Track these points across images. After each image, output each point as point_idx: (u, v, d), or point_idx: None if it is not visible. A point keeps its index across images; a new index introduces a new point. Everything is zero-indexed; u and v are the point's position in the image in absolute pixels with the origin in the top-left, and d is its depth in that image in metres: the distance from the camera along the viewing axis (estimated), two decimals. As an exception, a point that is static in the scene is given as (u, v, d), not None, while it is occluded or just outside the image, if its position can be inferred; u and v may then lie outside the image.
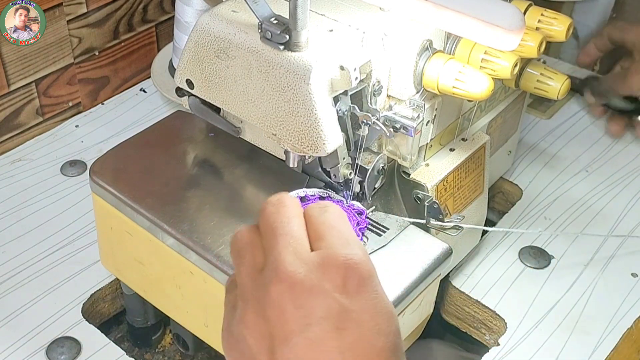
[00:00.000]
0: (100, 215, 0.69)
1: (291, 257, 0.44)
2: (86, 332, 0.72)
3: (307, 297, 0.42)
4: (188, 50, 0.62)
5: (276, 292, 0.43)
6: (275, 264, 0.44)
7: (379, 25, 0.60)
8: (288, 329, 0.42)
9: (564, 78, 0.71)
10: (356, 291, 0.43)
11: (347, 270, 0.43)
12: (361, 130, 0.61)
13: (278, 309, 0.43)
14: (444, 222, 0.66)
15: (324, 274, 0.43)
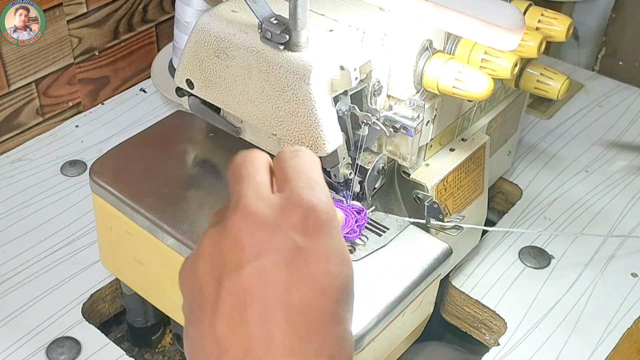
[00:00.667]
0: (100, 215, 0.69)
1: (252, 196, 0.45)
2: (86, 332, 0.72)
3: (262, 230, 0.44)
4: (188, 50, 0.62)
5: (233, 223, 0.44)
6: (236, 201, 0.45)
7: (379, 25, 0.60)
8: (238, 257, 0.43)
9: (564, 78, 0.71)
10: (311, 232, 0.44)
11: (306, 212, 0.44)
12: (361, 130, 0.61)
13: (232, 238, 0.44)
14: (444, 222, 0.66)
15: (282, 213, 0.44)
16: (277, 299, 0.42)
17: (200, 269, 0.45)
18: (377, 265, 0.60)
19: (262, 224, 0.44)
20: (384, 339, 0.59)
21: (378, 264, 0.60)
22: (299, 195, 0.45)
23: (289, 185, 0.46)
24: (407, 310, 0.60)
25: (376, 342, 0.57)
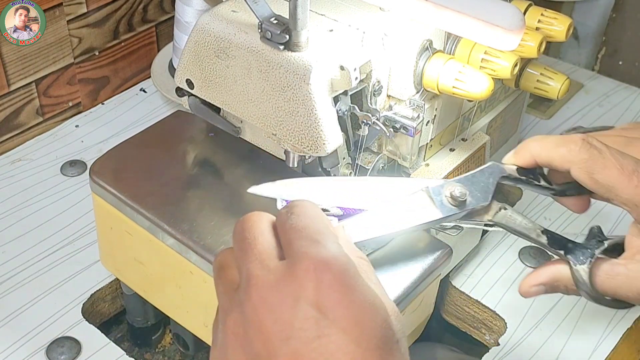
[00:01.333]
0: (100, 215, 0.69)
1: (259, 272, 0.43)
2: (86, 332, 0.72)
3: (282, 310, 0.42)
4: (188, 50, 0.62)
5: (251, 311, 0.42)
6: (246, 280, 0.43)
7: (379, 25, 0.60)
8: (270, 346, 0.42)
9: (564, 78, 0.71)
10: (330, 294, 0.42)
11: (317, 273, 0.42)
12: (361, 130, 0.61)
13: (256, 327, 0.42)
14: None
15: (294, 282, 0.42)
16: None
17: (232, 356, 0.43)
18: (377, 265, 0.59)
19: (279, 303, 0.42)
20: (384, 339, 0.58)
21: (378, 264, 0.60)
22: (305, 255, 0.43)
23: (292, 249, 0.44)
24: (407, 310, 0.60)
25: (376, 342, 0.57)
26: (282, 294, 0.42)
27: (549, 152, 0.53)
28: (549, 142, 0.54)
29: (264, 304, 0.42)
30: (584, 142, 0.52)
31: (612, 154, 0.52)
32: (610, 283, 0.52)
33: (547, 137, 0.54)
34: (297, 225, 0.45)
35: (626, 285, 0.51)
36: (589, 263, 0.53)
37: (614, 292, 0.52)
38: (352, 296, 0.42)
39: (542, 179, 0.57)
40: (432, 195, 0.55)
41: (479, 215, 0.56)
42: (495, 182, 0.55)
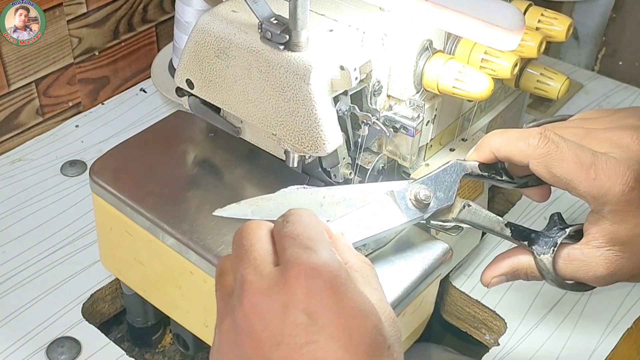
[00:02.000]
0: (100, 215, 0.69)
1: (252, 277, 0.44)
2: (86, 332, 0.72)
3: (272, 316, 0.43)
4: (188, 50, 0.62)
5: (243, 317, 0.43)
6: (240, 286, 0.44)
7: (379, 25, 0.60)
8: (260, 352, 0.42)
9: (564, 78, 0.71)
10: (320, 297, 0.42)
11: (307, 279, 0.43)
12: (361, 130, 0.61)
13: (247, 334, 0.43)
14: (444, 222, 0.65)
15: (285, 288, 0.43)
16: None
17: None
18: (377, 265, 0.59)
19: (271, 309, 0.43)
20: (384, 339, 0.58)
21: (378, 264, 0.60)
22: (296, 262, 0.44)
23: (285, 255, 0.45)
24: (407, 311, 0.60)
25: (376, 342, 0.57)
26: (272, 299, 0.43)
27: (507, 147, 0.54)
28: (508, 136, 0.54)
29: (254, 309, 0.43)
30: (541, 136, 0.53)
31: (570, 147, 0.52)
32: (568, 267, 0.54)
33: (506, 131, 0.55)
34: (291, 233, 0.46)
35: (583, 270, 0.54)
36: (551, 252, 0.54)
37: (572, 275, 0.54)
38: (341, 302, 0.42)
39: (503, 174, 0.58)
40: (397, 199, 0.56)
41: (443, 215, 0.57)
42: (458, 180, 0.56)
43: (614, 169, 0.52)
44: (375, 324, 0.43)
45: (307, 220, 0.47)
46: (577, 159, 0.52)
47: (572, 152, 0.52)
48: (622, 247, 0.52)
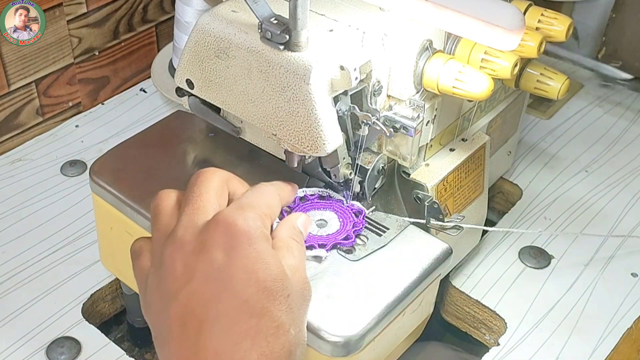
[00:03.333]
0: (100, 215, 0.69)
1: (187, 222, 0.51)
2: (86, 332, 0.72)
3: (192, 256, 0.49)
4: (188, 50, 0.62)
5: (169, 254, 0.50)
6: (173, 230, 0.51)
7: (379, 25, 0.60)
8: (176, 285, 0.49)
9: (564, 78, 0.71)
10: (231, 246, 0.49)
11: (226, 229, 0.49)
12: (361, 130, 0.61)
13: (168, 270, 0.50)
14: (444, 222, 0.66)
15: (207, 234, 0.50)
16: (209, 314, 0.48)
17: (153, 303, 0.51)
18: (377, 265, 0.60)
19: (192, 251, 0.50)
20: (384, 339, 0.59)
21: (378, 264, 0.60)
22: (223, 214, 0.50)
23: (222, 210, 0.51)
24: (407, 311, 0.60)
25: (376, 342, 0.57)
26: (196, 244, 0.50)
27: None
28: None
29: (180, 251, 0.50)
30: None
31: None
32: None
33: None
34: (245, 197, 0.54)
35: None
36: None
37: None
38: (250, 252, 0.49)
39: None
40: None
41: None
42: None
43: None
44: (276, 274, 0.49)
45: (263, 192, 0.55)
46: None
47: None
48: None
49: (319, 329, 0.54)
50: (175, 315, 0.49)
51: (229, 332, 0.47)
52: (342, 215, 0.62)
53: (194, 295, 0.48)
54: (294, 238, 0.55)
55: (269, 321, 0.48)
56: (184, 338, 0.48)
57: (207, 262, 0.49)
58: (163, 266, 0.50)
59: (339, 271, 0.58)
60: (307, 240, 0.59)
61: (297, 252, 0.54)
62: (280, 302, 0.49)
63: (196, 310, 0.48)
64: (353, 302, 0.56)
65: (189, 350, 0.48)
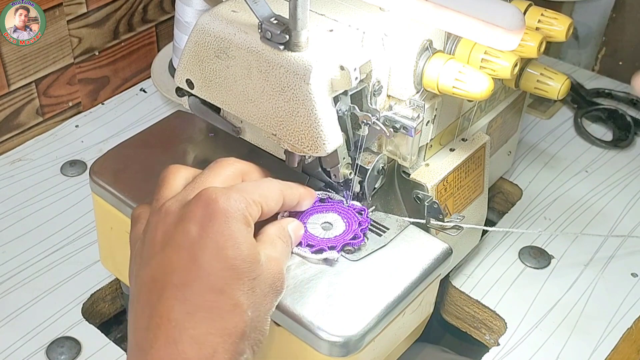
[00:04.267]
0: (100, 215, 0.69)
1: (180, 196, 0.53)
2: (86, 332, 0.72)
3: (171, 226, 0.51)
4: (188, 50, 0.62)
5: (154, 222, 0.53)
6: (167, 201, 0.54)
7: (379, 25, 0.60)
8: (152, 251, 0.52)
9: (564, 78, 0.71)
10: (208, 221, 0.50)
11: (206, 204, 0.51)
12: (361, 130, 0.61)
13: (151, 235, 0.52)
14: (444, 222, 0.66)
15: (190, 206, 0.51)
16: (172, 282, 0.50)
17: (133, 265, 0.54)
18: (377, 265, 0.60)
19: (172, 220, 0.52)
20: (384, 339, 0.59)
21: (378, 264, 0.60)
22: (207, 190, 0.52)
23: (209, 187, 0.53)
24: (407, 310, 0.60)
25: (376, 342, 0.57)
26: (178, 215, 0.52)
27: None
28: None
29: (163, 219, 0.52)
30: None
31: None
32: None
33: None
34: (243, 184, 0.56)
35: None
36: None
37: None
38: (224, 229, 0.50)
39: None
40: None
41: None
42: None
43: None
44: (245, 255, 0.50)
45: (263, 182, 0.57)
46: None
47: None
48: None
49: (319, 329, 0.54)
50: (144, 280, 0.51)
51: (186, 301, 0.49)
52: (346, 215, 0.62)
53: (164, 262, 0.50)
54: (280, 237, 0.56)
55: (227, 298, 0.49)
56: (146, 302, 0.50)
57: (183, 232, 0.50)
58: (147, 233, 0.53)
59: (339, 271, 0.58)
60: (316, 244, 0.59)
61: (280, 248, 0.55)
62: (243, 282, 0.50)
63: (162, 277, 0.50)
64: (353, 302, 0.56)
65: (148, 314, 0.50)
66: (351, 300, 0.56)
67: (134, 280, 0.53)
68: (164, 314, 0.49)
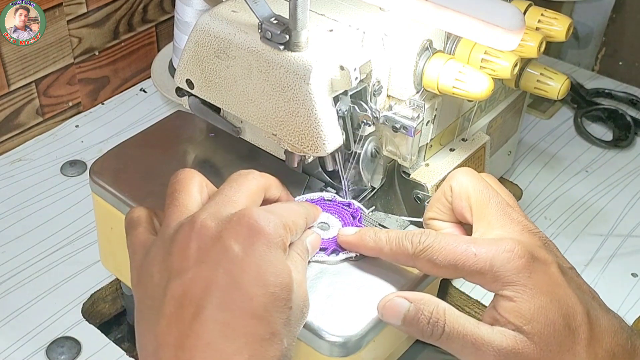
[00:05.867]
0: (100, 215, 0.69)
1: (212, 210, 0.51)
2: (86, 332, 0.72)
3: (209, 241, 0.49)
4: (188, 50, 0.62)
5: (185, 232, 0.50)
6: (197, 212, 0.51)
7: (379, 25, 0.60)
8: (184, 264, 0.49)
9: (564, 78, 0.71)
10: (250, 242, 0.49)
11: (249, 225, 0.49)
12: (361, 130, 0.61)
13: (182, 246, 0.49)
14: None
15: (229, 225, 0.49)
16: (209, 302, 0.47)
17: (155, 271, 0.50)
18: (377, 265, 0.59)
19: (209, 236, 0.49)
20: (384, 339, 0.58)
21: (378, 264, 0.60)
22: (250, 211, 0.50)
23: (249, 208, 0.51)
24: (407, 310, 0.60)
25: (376, 342, 0.57)
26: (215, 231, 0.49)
27: (391, 252, 0.56)
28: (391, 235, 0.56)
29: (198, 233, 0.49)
30: (422, 234, 0.54)
31: (447, 237, 0.54)
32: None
33: (382, 236, 0.57)
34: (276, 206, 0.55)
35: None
36: None
37: None
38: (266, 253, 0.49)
39: None
40: None
41: None
42: None
43: (495, 241, 0.52)
44: (285, 283, 0.49)
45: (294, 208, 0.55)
46: (455, 243, 0.53)
47: (451, 238, 0.53)
48: (528, 327, 0.51)
49: (319, 329, 0.54)
50: (174, 293, 0.48)
51: (227, 326, 0.47)
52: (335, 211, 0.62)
53: (200, 279, 0.48)
54: (299, 254, 0.54)
55: (267, 326, 0.48)
56: (177, 318, 0.47)
57: (222, 251, 0.48)
58: (175, 243, 0.50)
59: (339, 271, 0.58)
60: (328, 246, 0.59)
61: (301, 268, 0.53)
62: (282, 311, 0.49)
63: (197, 294, 0.47)
64: (353, 302, 0.56)
65: (180, 331, 0.47)
66: (351, 300, 0.56)
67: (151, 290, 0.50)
68: (202, 336, 0.46)
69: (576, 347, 0.51)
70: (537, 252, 0.53)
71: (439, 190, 0.58)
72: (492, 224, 0.54)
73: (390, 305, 0.53)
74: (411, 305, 0.52)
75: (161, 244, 0.51)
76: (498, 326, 0.52)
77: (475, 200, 0.56)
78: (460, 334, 0.52)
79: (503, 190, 0.58)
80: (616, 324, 0.53)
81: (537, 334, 0.50)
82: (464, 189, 0.56)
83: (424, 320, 0.52)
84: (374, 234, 0.56)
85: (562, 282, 0.53)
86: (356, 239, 0.57)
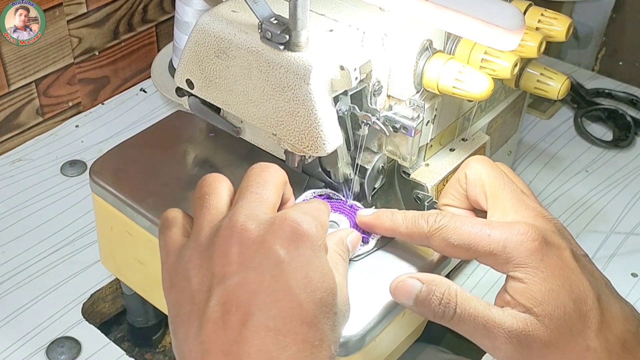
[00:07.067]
0: (100, 215, 0.69)
1: (248, 211, 0.49)
2: (86, 332, 0.72)
3: (251, 246, 0.48)
4: (188, 50, 0.62)
5: (225, 236, 0.48)
6: (233, 213, 0.50)
7: (379, 25, 0.60)
8: (228, 269, 0.47)
9: (564, 78, 0.71)
10: (294, 246, 0.48)
11: (292, 228, 0.48)
12: (361, 130, 0.61)
13: (223, 250, 0.48)
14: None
15: (270, 227, 0.48)
16: (258, 308, 0.46)
17: (193, 275, 0.49)
18: (377, 265, 0.60)
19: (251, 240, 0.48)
20: (384, 339, 0.59)
21: (378, 264, 0.60)
22: (292, 214, 0.49)
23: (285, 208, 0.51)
24: (407, 310, 0.60)
25: (376, 342, 0.57)
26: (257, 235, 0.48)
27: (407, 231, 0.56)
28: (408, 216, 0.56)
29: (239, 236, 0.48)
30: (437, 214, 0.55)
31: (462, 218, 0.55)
32: None
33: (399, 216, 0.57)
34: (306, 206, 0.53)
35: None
36: None
37: None
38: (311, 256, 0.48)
39: None
40: None
41: None
42: None
43: (509, 224, 0.53)
44: (331, 288, 0.48)
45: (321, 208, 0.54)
46: (470, 224, 0.53)
47: (466, 219, 0.54)
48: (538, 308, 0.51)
49: (319, 329, 0.54)
50: (219, 299, 0.47)
51: (278, 332, 0.46)
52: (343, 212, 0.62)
53: (246, 285, 0.47)
54: (339, 254, 0.53)
55: (317, 332, 0.47)
56: (223, 324, 0.46)
57: (267, 256, 0.47)
58: (214, 246, 0.48)
59: (339, 271, 0.58)
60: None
61: (341, 269, 0.52)
62: (329, 316, 0.48)
63: (244, 300, 0.46)
64: (353, 302, 0.56)
65: (228, 338, 0.46)
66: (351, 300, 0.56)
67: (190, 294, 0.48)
68: (253, 343, 0.45)
69: (587, 331, 0.51)
70: (551, 237, 0.53)
71: (454, 177, 0.59)
72: (507, 210, 0.55)
73: (402, 286, 0.53)
74: (423, 286, 0.52)
75: (196, 247, 0.50)
76: (509, 308, 0.52)
77: (490, 187, 0.56)
78: (472, 315, 0.52)
79: (517, 179, 0.59)
80: (627, 312, 0.53)
81: (547, 316, 0.51)
82: (479, 177, 0.57)
83: (436, 301, 0.52)
84: (391, 214, 0.57)
85: (575, 267, 0.53)
86: (373, 219, 0.58)
